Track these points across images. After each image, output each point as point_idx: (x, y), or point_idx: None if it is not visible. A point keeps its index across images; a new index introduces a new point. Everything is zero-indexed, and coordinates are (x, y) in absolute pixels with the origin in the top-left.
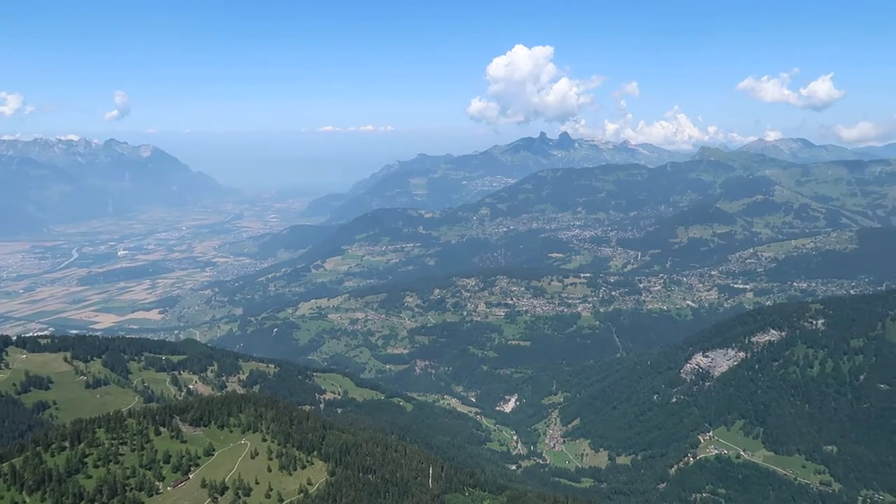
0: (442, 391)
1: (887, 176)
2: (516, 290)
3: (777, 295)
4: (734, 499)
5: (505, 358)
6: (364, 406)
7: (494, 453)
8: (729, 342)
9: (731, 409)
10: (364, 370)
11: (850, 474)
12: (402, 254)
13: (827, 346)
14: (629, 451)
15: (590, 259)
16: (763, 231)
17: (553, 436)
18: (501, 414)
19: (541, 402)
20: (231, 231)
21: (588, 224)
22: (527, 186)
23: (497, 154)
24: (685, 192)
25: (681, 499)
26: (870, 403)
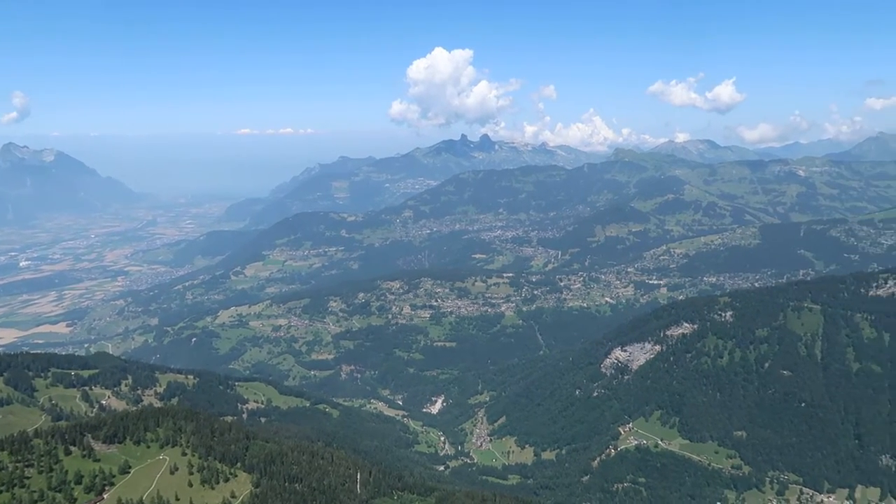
0: (368, 395)
1: (786, 175)
2: (441, 291)
3: (689, 289)
4: (653, 487)
5: (431, 359)
6: (289, 414)
7: (422, 455)
8: (645, 336)
9: (649, 400)
10: (288, 377)
11: (758, 457)
12: (325, 258)
13: (735, 336)
14: (554, 446)
15: (512, 259)
16: (675, 228)
17: (480, 435)
18: (429, 415)
19: (467, 401)
20: (144, 238)
21: (510, 225)
22: (449, 188)
23: (419, 156)
24: (602, 192)
25: (603, 490)
26: (774, 389)
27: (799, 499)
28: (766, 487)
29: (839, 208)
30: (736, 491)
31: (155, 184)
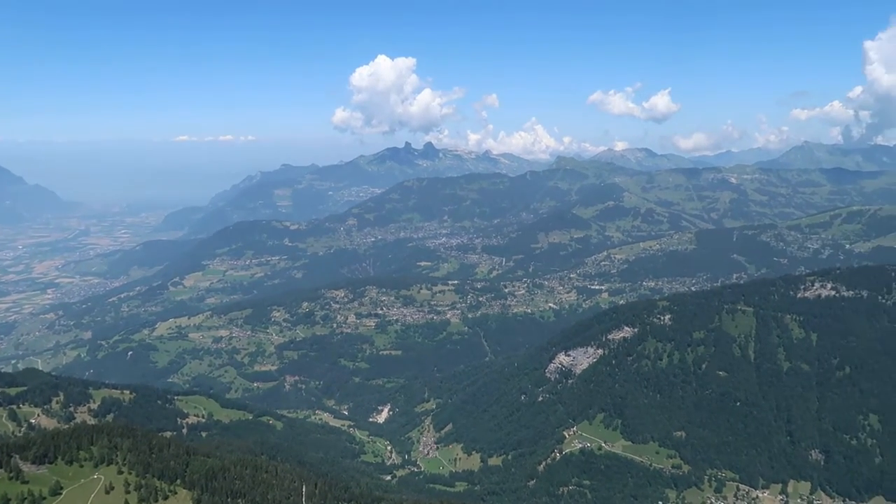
0: (313, 406)
1: (718, 182)
2: (386, 299)
3: (629, 294)
4: (597, 489)
5: (377, 368)
6: (231, 427)
7: (369, 465)
8: (588, 340)
9: (593, 403)
10: (230, 390)
11: (697, 456)
12: (268, 267)
13: (673, 339)
14: (500, 452)
15: (457, 266)
16: (615, 235)
17: (427, 443)
18: (375, 425)
19: (414, 410)
20: (76, 249)
21: (454, 232)
22: (394, 196)
23: (363, 164)
24: (544, 199)
25: (549, 493)
26: (711, 390)
27: (735, 495)
28: (705, 485)
29: (769, 214)
30: (676, 490)
31: (87, 192)
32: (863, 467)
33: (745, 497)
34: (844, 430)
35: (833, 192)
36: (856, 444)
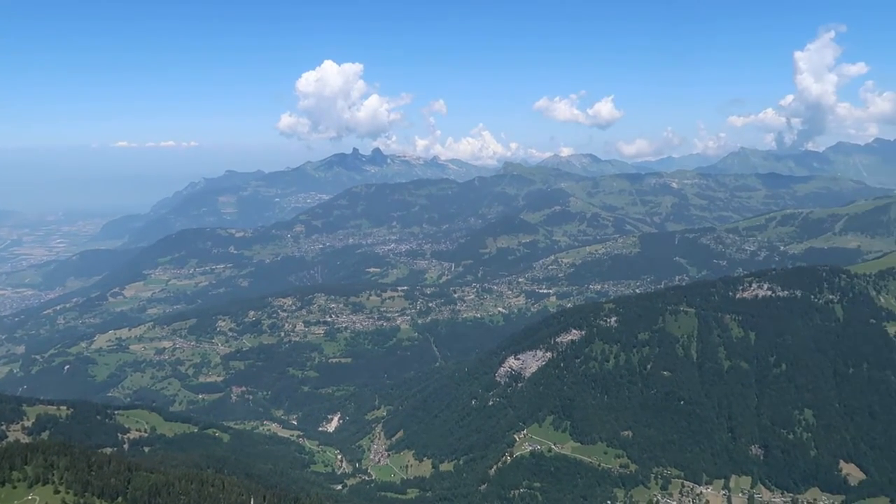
0: (261, 417)
1: (661, 187)
2: (335, 307)
3: (576, 297)
4: (548, 490)
5: (326, 377)
6: (175, 441)
7: (319, 475)
8: (537, 344)
9: (542, 406)
10: (174, 403)
11: (644, 455)
12: (213, 276)
13: (619, 340)
14: (452, 457)
15: (406, 272)
16: (562, 239)
17: (378, 450)
18: (325, 434)
19: (364, 417)
20: (8, 260)
21: (403, 238)
22: (342, 202)
23: (310, 170)
24: (492, 204)
25: (501, 497)
26: (656, 389)
27: (681, 492)
28: (652, 483)
29: (708, 217)
30: (624, 489)
31: (19, 200)
32: (799, 460)
33: (689, 493)
34: (782, 425)
35: (768, 196)
36: (792, 438)
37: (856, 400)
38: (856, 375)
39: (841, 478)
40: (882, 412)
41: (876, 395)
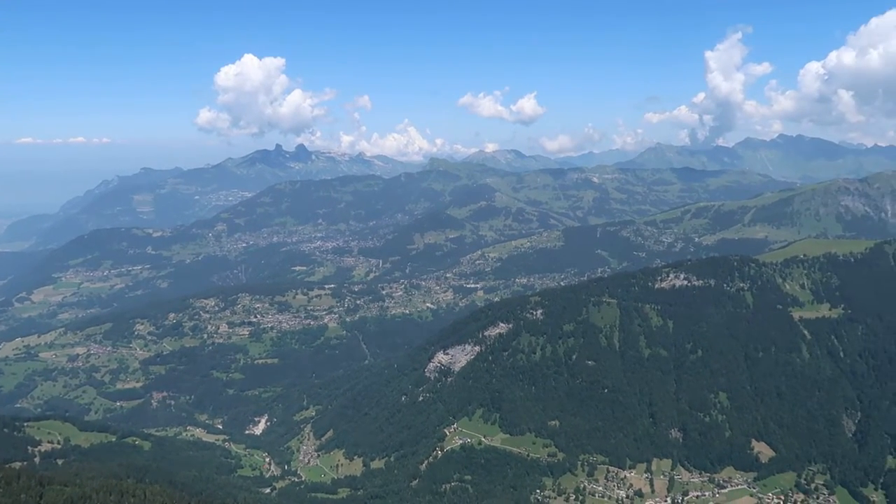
0: (184, 422)
1: (583, 182)
2: (260, 306)
3: (503, 291)
4: (478, 483)
5: (252, 378)
6: (92, 452)
7: (246, 479)
8: (466, 338)
9: (472, 399)
10: (90, 412)
11: (571, 443)
12: (129, 278)
13: (545, 332)
14: (383, 455)
15: (333, 270)
16: (488, 234)
17: (307, 451)
18: (252, 437)
19: (293, 418)
20: None
21: (330, 235)
22: (265, 200)
23: (231, 167)
24: (419, 200)
25: (432, 492)
26: (581, 379)
27: (606, 477)
28: (579, 470)
29: (628, 211)
30: (552, 477)
31: None
32: (715, 441)
33: (614, 478)
34: (699, 409)
35: (683, 189)
36: (708, 420)
37: (765, 382)
38: (765, 359)
39: (753, 456)
40: (789, 393)
41: (783, 377)
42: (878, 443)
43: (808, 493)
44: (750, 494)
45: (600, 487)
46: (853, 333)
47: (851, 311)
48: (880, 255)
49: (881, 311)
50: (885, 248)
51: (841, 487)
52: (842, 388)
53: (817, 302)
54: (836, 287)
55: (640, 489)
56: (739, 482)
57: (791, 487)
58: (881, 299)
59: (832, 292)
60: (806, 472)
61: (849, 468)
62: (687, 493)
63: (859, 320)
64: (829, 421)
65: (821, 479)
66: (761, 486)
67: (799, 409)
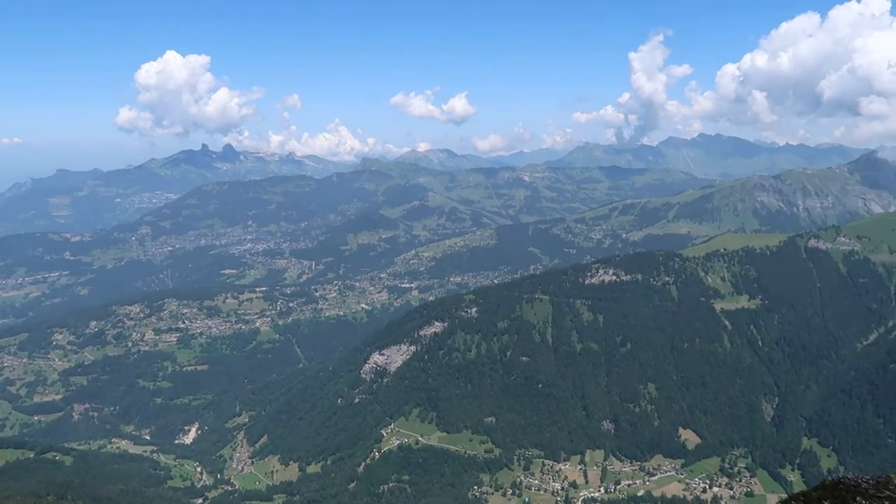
0: (109, 435)
1: (514, 181)
2: (188, 312)
3: (438, 290)
4: (416, 482)
5: (181, 386)
6: (7, 470)
7: (177, 490)
8: (401, 338)
9: (409, 399)
10: (4, 427)
11: (507, 439)
12: (46, 285)
13: (480, 330)
14: (319, 458)
15: (265, 272)
16: (422, 233)
17: (241, 459)
18: (182, 447)
19: (225, 426)
20: None
21: (260, 237)
22: (191, 202)
23: (155, 168)
24: (351, 201)
25: (370, 493)
26: (516, 375)
27: (542, 470)
28: (515, 465)
29: (558, 209)
30: (489, 473)
31: None
32: (645, 431)
33: (549, 471)
34: (629, 400)
35: (610, 187)
36: (638, 411)
37: (690, 372)
38: (689, 349)
39: (680, 443)
40: (712, 381)
41: (707, 366)
42: (793, 425)
43: (732, 477)
44: (678, 480)
45: (536, 481)
46: (770, 323)
47: (768, 302)
48: (793, 248)
49: (794, 301)
50: (798, 241)
51: (761, 469)
52: (760, 375)
53: (737, 294)
54: (753, 279)
55: (575, 481)
56: (668, 469)
57: (716, 472)
58: (794, 290)
59: (750, 284)
60: (729, 457)
61: (768, 451)
62: (619, 482)
63: (775, 310)
64: (749, 407)
65: (743, 462)
66: (688, 472)
67: (722, 396)
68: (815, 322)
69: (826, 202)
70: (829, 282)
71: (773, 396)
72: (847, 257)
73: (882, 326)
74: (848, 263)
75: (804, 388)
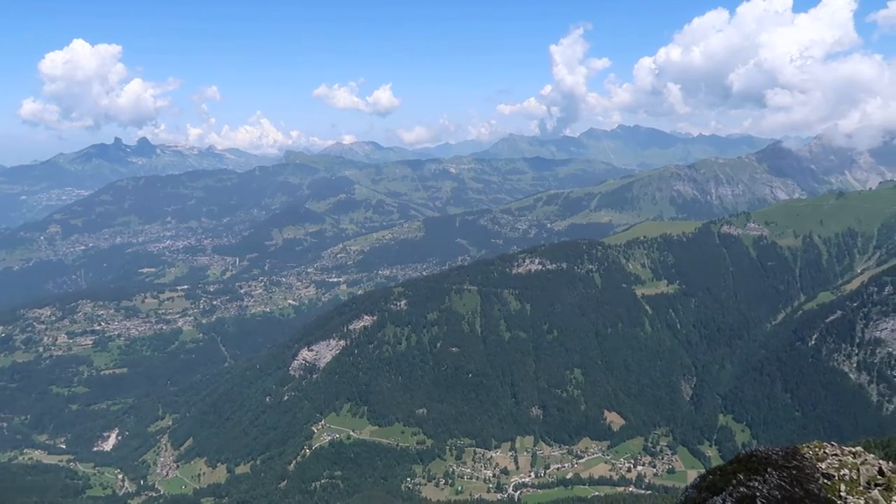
0: (20, 445)
1: (440, 173)
2: (104, 313)
3: (366, 283)
4: (349, 477)
5: (98, 391)
6: None
7: (97, 500)
8: (330, 333)
9: (339, 394)
10: None
11: (439, 429)
12: None
13: (410, 322)
14: (248, 459)
15: (186, 270)
16: (349, 227)
17: (165, 463)
18: (101, 454)
19: (147, 430)
20: None
21: (180, 234)
22: (105, 198)
23: (64, 163)
24: (276, 195)
25: (302, 491)
26: (446, 366)
27: (473, 458)
28: (447, 455)
29: (484, 200)
30: (422, 464)
31: None
32: (572, 415)
33: (481, 459)
34: (556, 386)
35: (535, 178)
36: (565, 395)
37: (614, 356)
38: (613, 334)
39: (606, 425)
40: (635, 364)
41: (629, 350)
42: (710, 403)
43: (655, 455)
44: (605, 461)
45: (468, 469)
46: (687, 306)
47: (685, 286)
48: (707, 235)
49: (710, 285)
50: (711, 227)
51: (682, 447)
52: (679, 356)
53: (656, 279)
54: (671, 265)
55: (506, 467)
56: (595, 451)
57: (640, 451)
58: (709, 274)
59: (669, 269)
60: (652, 436)
61: (688, 428)
62: (549, 466)
63: (692, 294)
64: (669, 387)
65: (665, 440)
66: (614, 453)
67: (644, 378)
68: (729, 304)
69: (737, 190)
70: (741, 265)
71: (691, 376)
72: (756, 242)
73: (789, 306)
74: (757, 248)
75: (719, 368)
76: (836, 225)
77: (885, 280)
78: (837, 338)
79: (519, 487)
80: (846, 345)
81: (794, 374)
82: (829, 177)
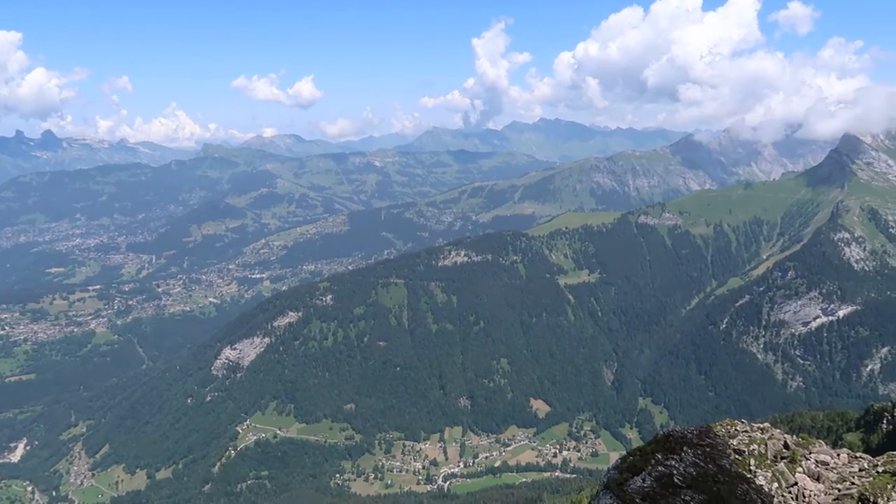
0: None
1: (365, 166)
2: (9, 316)
3: (291, 279)
4: (276, 476)
5: (4, 400)
6: None
7: None
8: (254, 331)
9: (264, 393)
10: None
11: (367, 424)
12: None
13: (336, 317)
14: (169, 463)
15: (98, 269)
16: (272, 222)
17: (79, 472)
18: (7, 466)
19: (59, 438)
20: None
21: (91, 231)
22: (7, 195)
23: None
24: (194, 189)
25: (227, 493)
26: (374, 360)
27: (403, 451)
28: (376, 449)
29: (410, 193)
30: (351, 459)
31: None
32: (499, 404)
33: (410, 451)
34: (483, 376)
35: (460, 171)
36: (493, 385)
37: (539, 345)
38: (538, 324)
39: (532, 413)
40: (559, 352)
41: (554, 339)
42: (631, 387)
43: (579, 440)
44: (531, 448)
45: (398, 462)
46: (608, 294)
47: (606, 275)
48: (626, 225)
49: (628, 273)
50: (629, 217)
51: (604, 430)
52: (601, 343)
53: (578, 269)
54: (592, 254)
55: (435, 458)
56: (522, 439)
57: (565, 437)
58: (628, 263)
59: (590, 259)
60: (576, 421)
61: (610, 413)
62: (477, 455)
63: (612, 282)
64: (592, 374)
65: (588, 425)
66: (540, 440)
67: (568, 366)
68: (647, 291)
69: (653, 181)
70: (657, 254)
71: (612, 362)
72: (671, 231)
73: (701, 292)
74: (672, 237)
75: (639, 353)
76: (743, 214)
77: (788, 265)
78: (746, 321)
79: (448, 478)
80: (754, 327)
81: (707, 356)
82: (738, 168)
